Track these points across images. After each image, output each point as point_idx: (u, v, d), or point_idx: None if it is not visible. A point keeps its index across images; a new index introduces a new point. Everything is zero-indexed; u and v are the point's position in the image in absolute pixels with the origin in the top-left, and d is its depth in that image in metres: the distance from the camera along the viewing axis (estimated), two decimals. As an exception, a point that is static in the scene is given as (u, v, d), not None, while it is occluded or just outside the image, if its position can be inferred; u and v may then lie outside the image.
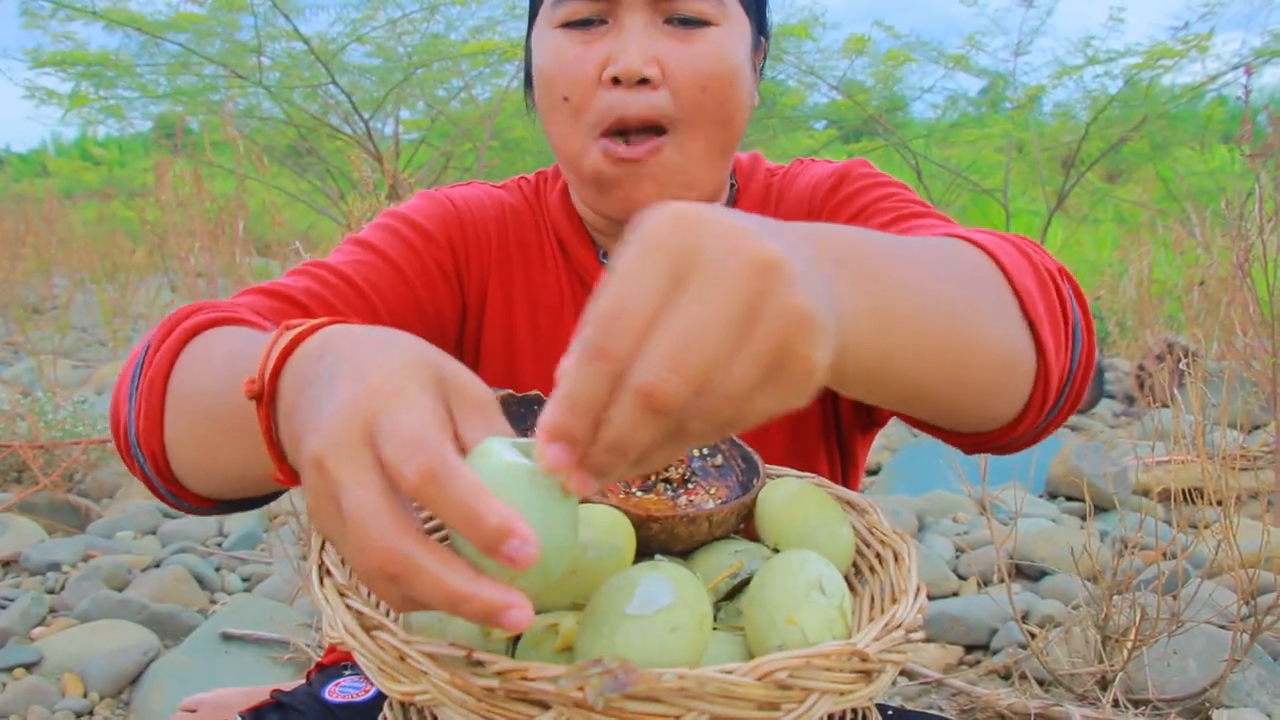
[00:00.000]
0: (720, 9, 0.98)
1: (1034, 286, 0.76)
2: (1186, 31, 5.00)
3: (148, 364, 0.81)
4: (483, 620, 0.50)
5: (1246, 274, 2.97)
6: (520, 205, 1.14)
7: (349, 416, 0.53)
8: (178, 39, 5.03)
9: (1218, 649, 2.08)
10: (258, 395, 0.65)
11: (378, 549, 0.50)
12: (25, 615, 2.49)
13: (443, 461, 0.50)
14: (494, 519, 0.49)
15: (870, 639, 0.60)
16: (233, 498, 0.83)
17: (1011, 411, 0.77)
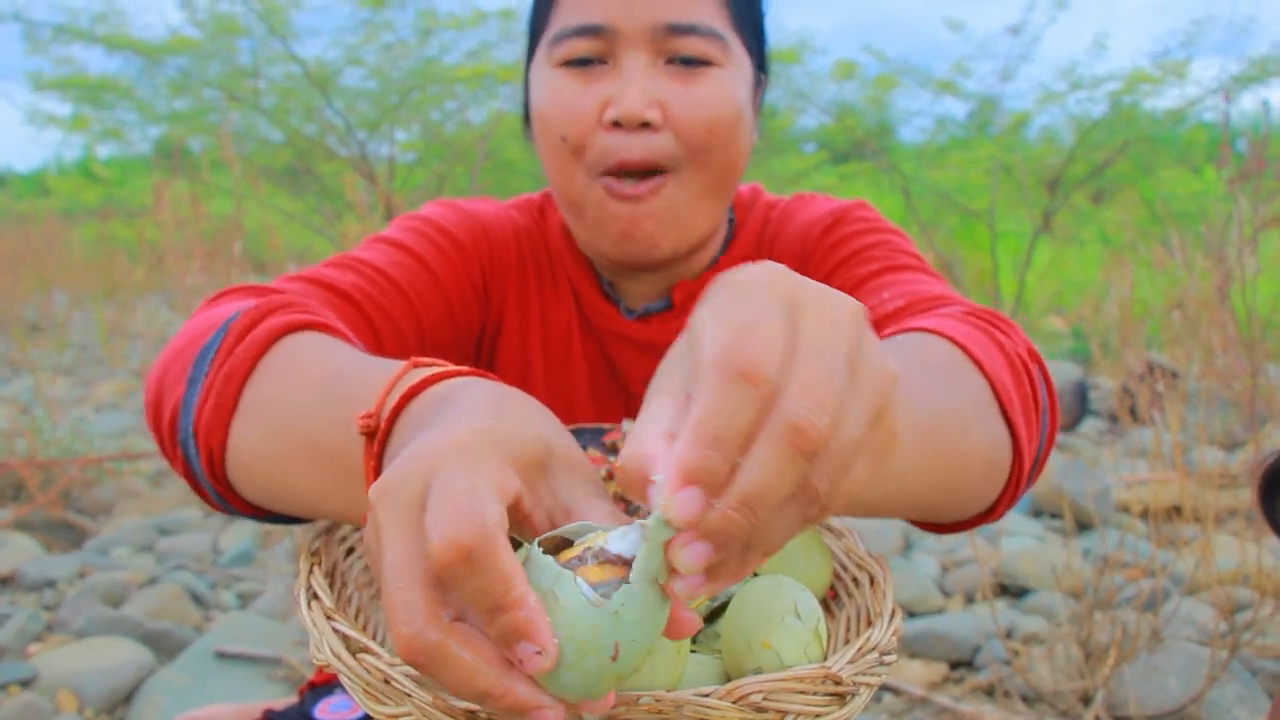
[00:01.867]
0: (723, 50, 0.95)
1: (1009, 379, 0.76)
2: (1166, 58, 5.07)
3: (224, 352, 0.73)
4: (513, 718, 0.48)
5: (1226, 295, 3.02)
6: (532, 226, 1.11)
7: (410, 466, 0.50)
8: (176, 62, 5.07)
9: (1197, 665, 2.11)
10: (371, 432, 0.61)
11: (404, 634, 0.47)
12: (21, 632, 2.51)
13: (479, 538, 0.46)
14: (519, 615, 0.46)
15: (845, 662, 0.61)
16: (287, 514, 0.76)
17: (988, 504, 0.79)
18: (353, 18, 5.13)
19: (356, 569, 0.78)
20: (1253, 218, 2.82)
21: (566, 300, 1.09)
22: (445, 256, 1.02)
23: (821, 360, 0.44)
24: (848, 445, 0.45)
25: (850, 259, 1.01)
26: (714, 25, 0.94)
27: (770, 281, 0.48)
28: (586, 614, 0.48)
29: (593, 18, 0.94)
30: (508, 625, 0.46)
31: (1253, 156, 2.93)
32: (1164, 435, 2.76)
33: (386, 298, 0.95)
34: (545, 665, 0.47)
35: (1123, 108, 5.49)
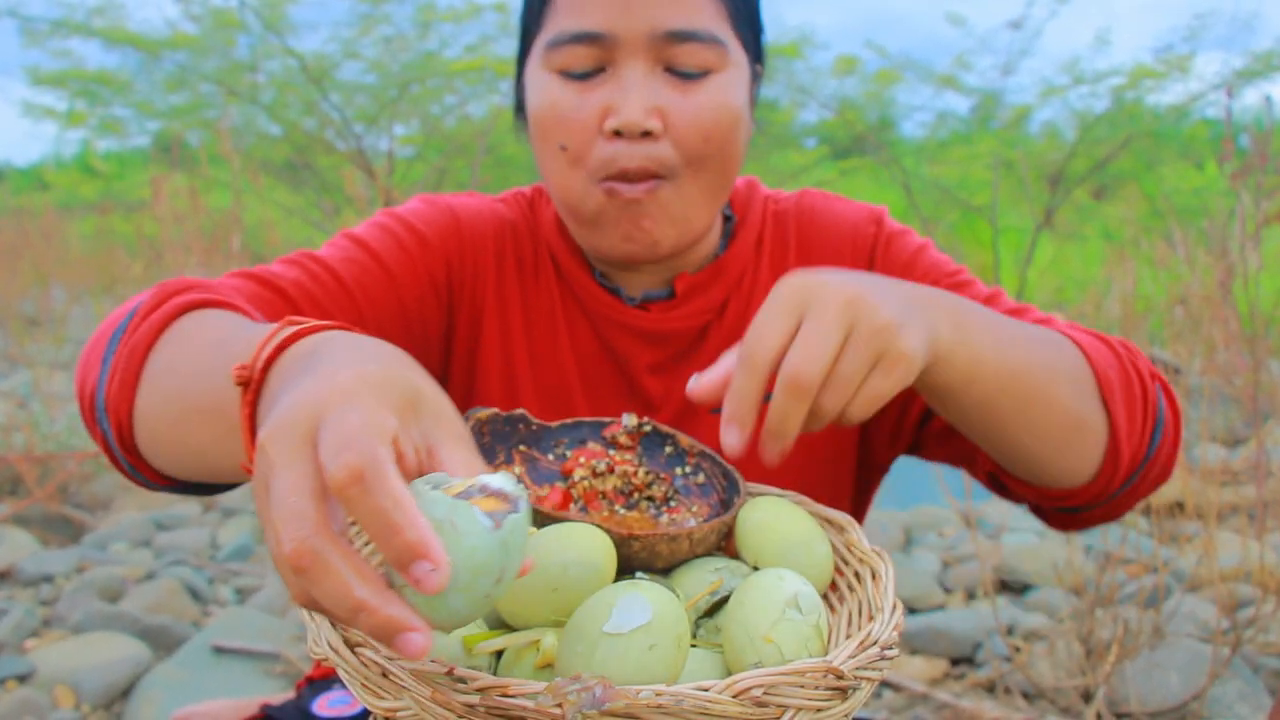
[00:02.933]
0: (721, 55, 0.95)
1: (1115, 376, 0.88)
2: (1169, 53, 5.06)
3: (130, 331, 0.80)
4: (377, 637, 0.50)
5: (1228, 291, 3.01)
6: (518, 220, 1.11)
7: (300, 408, 0.54)
8: (174, 57, 5.06)
9: (1199, 662, 2.10)
10: (245, 382, 0.64)
11: (292, 538, 0.49)
12: (18, 627, 2.50)
13: (373, 464, 0.50)
14: (411, 534, 0.49)
15: (846, 656, 0.61)
16: (191, 480, 0.81)
17: (1080, 474, 0.88)
18: (351, 11, 5.12)
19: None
20: (1255, 213, 2.81)
21: (551, 290, 1.10)
22: (405, 252, 1.04)
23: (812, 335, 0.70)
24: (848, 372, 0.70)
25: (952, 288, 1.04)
26: (712, 29, 0.94)
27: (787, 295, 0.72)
28: (484, 539, 0.52)
29: (591, 24, 0.93)
30: (403, 544, 0.49)
31: (1255, 152, 2.92)
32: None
33: (325, 292, 0.98)
34: (440, 582, 0.49)
35: (1125, 103, 5.48)
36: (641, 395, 1.07)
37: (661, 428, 0.89)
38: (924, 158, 6.53)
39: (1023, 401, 0.82)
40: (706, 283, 1.06)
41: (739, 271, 1.08)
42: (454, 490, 0.54)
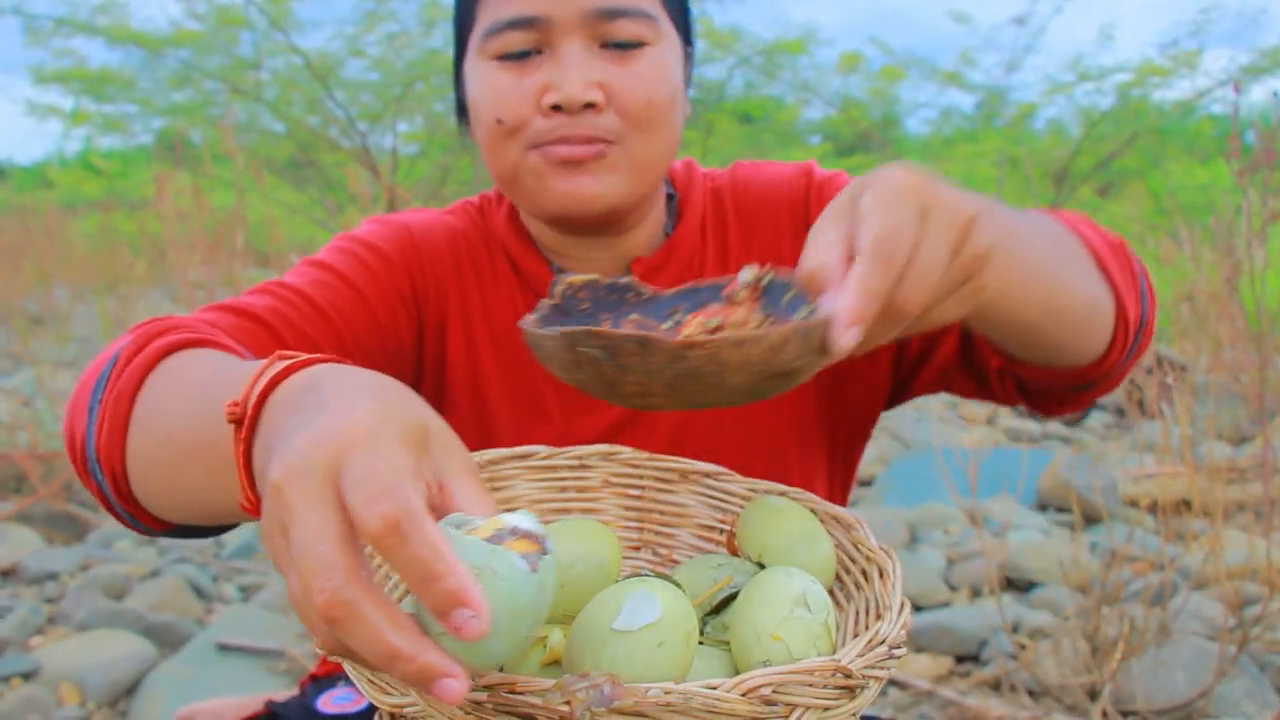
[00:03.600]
0: (653, 29, 0.98)
1: (1104, 250, 0.93)
2: (1175, 49, 5.05)
3: (114, 378, 0.79)
4: (414, 684, 0.49)
5: (1234, 288, 3.00)
6: (469, 227, 1.12)
7: (317, 448, 0.52)
8: (178, 54, 5.06)
9: (1205, 660, 2.10)
10: (239, 420, 0.63)
11: (322, 589, 0.48)
12: (23, 625, 2.51)
13: (408, 512, 0.49)
14: (451, 581, 0.48)
15: (854, 655, 0.61)
16: (191, 523, 0.80)
17: (1098, 348, 0.93)
18: (356, 9, 5.12)
19: (358, 560, 0.77)
20: (1262, 210, 2.80)
21: (511, 292, 1.10)
22: (369, 271, 1.04)
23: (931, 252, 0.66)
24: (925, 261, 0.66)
25: None
26: (643, 6, 0.97)
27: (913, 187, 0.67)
28: (523, 583, 0.52)
29: (526, 9, 0.95)
30: (443, 592, 0.48)
31: (1262, 148, 2.91)
32: (1172, 429, 2.75)
33: (303, 318, 0.98)
34: (481, 629, 0.48)
35: (1130, 99, 5.47)
36: None
37: (782, 275, 0.78)
38: (929, 155, 6.52)
39: (1052, 291, 0.85)
40: (661, 264, 1.08)
41: (689, 252, 1.10)
42: (483, 533, 0.54)
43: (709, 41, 5.87)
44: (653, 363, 0.63)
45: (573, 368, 0.66)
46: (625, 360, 0.63)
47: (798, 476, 1.09)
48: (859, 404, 1.13)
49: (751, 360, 0.63)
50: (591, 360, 0.64)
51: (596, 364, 0.64)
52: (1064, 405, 1.05)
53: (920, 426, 4.55)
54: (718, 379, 0.64)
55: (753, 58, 5.62)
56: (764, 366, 0.64)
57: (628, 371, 0.64)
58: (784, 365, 0.65)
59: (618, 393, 0.66)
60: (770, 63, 5.47)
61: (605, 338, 0.63)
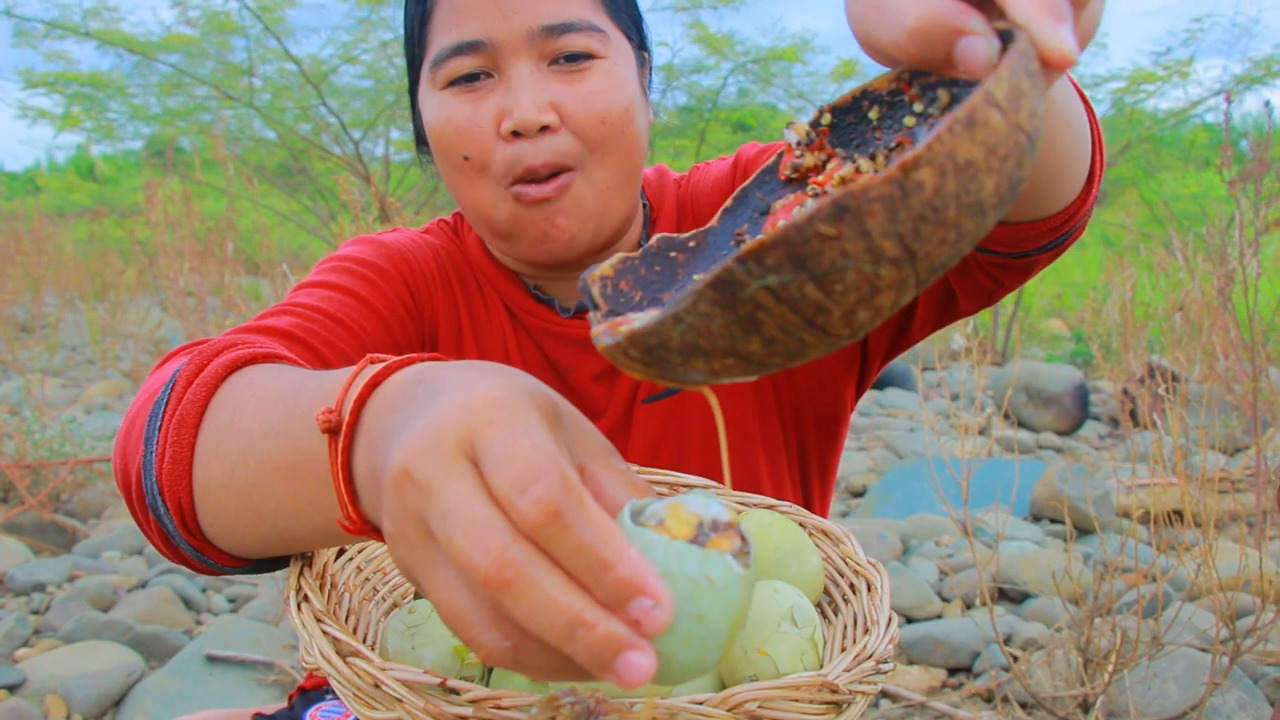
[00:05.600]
0: (602, 41, 0.98)
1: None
2: (1168, 57, 5.07)
3: (174, 401, 0.72)
4: (596, 660, 0.42)
5: (1228, 298, 3.01)
6: (449, 245, 1.13)
7: (445, 429, 0.46)
8: (170, 60, 5.06)
9: (1198, 671, 2.09)
10: (334, 428, 0.57)
11: (486, 550, 0.43)
12: (9, 636, 2.49)
13: (567, 493, 0.43)
14: (625, 569, 0.42)
15: (841, 670, 0.61)
16: (268, 555, 0.72)
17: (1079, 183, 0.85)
18: (349, 16, 5.12)
19: (347, 571, 0.76)
20: (1255, 219, 2.81)
21: (497, 310, 1.11)
22: (371, 284, 1.04)
23: None
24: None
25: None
26: (588, 18, 0.97)
27: None
28: (741, 587, 0.46)
29: (470, 34, 0.95)
30: (617, 582, 0.42)
31: (1254, 158, 2.92)
32: (1165, 439, 2.75)
33: (328, 331, 0.96)
34: (665, 620, 0.42)
35: (1124, 108, 5.49)
36: (588, 404, 1.08)
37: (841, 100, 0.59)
38: (922, 164, 6.51)
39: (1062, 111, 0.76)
40: None
41: None
42: (680, 530, 0.48)
43: (704, 49, 5.89)
44: (871, 226, 0.42)
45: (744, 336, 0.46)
46: (824, 257, 0.43)
47: (768, 483, 1.09)
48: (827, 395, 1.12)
49: (996, 136, 0.43)
50: (776, 298, 0.44)
51: (785, 296, 0.44)
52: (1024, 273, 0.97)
53: (913, 437, 4.55)
54: (967, 199, 0.43)
55: (747, 65, 5.64)
56: (1013, 143, 0.44)
57: (832, 272, 0.43)
58: (1034, 130, 0.45)
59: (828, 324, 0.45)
60: (765, 70, 5.48)
61: (779, 247, 0.42)
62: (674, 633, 0.45)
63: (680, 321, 0.46)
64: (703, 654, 0.46)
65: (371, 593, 0.78)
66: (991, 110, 0.42)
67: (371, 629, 0.76)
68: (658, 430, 1.07)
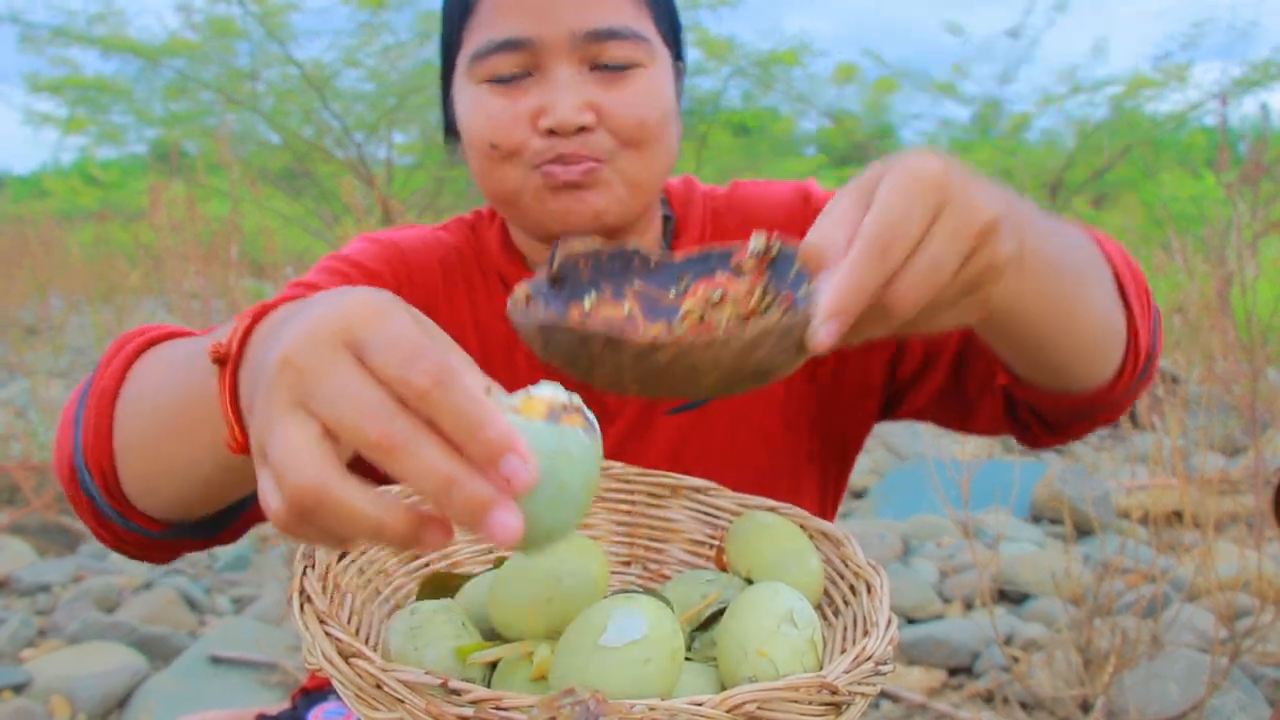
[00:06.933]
0: (646, 50, 0.96)
1: (1124, 269, 0.89)
2: (1167, 61, 5.07)
3: (95, 383, 0.79)
4: (470, 516, 0.48)
5: (1226, 299, 3.01)
6: (462, 244, 1.11)
7: (324, 322, 0.51)
8: (174, 64, 5.07)
9: (1198, 672, 2.10)
10: (222, 358, 0.62)
11: (376, 421, 0.48)
12: (14, 637, 2.50)
13: (450, 369, 0.49)
14: (496, 429, 0.48)
15: (840, 671, 0.61)
16: (183, 515, 0.79)
17: (1106, 373, 0.90)
18: (351, 20, 5.13)
19: (350, 573, 0.77)
20: (1253, 222, 2.82)
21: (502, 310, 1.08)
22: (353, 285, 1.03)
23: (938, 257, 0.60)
24: (928, 262, 0.60)
25: None
26: (634, 26, 0.95)
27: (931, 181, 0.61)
28: (592, 457, 0.55)
29: (514, 31, 0.93)
30: (489, 441, 0.48)
31: (1252, 160, 2.93)
32: (1164, 440, 2.75)
33: None
34: (531, 477, 0.48)
35: (1124, 111, 5.50)
36: (603, 406, 1.06)
37: (790, 245, 0.74)
38: (923, 166, 6.52)
39: (1067, 306, 0.81)
40: None
41: None
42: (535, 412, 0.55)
43: (704, 52, 5.89)
44: (622, 359, 0.61)
45: (547, 354, 0.65)
46: (595, 355, 0.62)
47: (787, 492, 1.09)
48: (851, 418, 1.12)
49: (723, 361, 0.61)
50: (564, 351, 0.63)
51: (569, 354, 0.63)
52: (1057, 434, 1.02)
53: (913, 438, 4.56)
54: (689, 376, 0.61)
55: (748, 69, 5.64)
56: (736, 366, 0.61)
57: (597, 364, 0.62)
58: (758, 365, 0.62)
59: (593, 380, 0.64)
60: (765, 74, 5.49)
61: (575, 333, 0.62)
62: (539, 497, 0.51)
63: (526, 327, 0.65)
64: (565, 517, 0.54)
65: (374, 594, 0.79)
66: (728, 346, 0.59)
67: (373, 630, 0.77)
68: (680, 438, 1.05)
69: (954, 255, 0.61)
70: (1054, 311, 0.80)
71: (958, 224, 0.61)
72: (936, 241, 0.61)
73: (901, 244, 0.59)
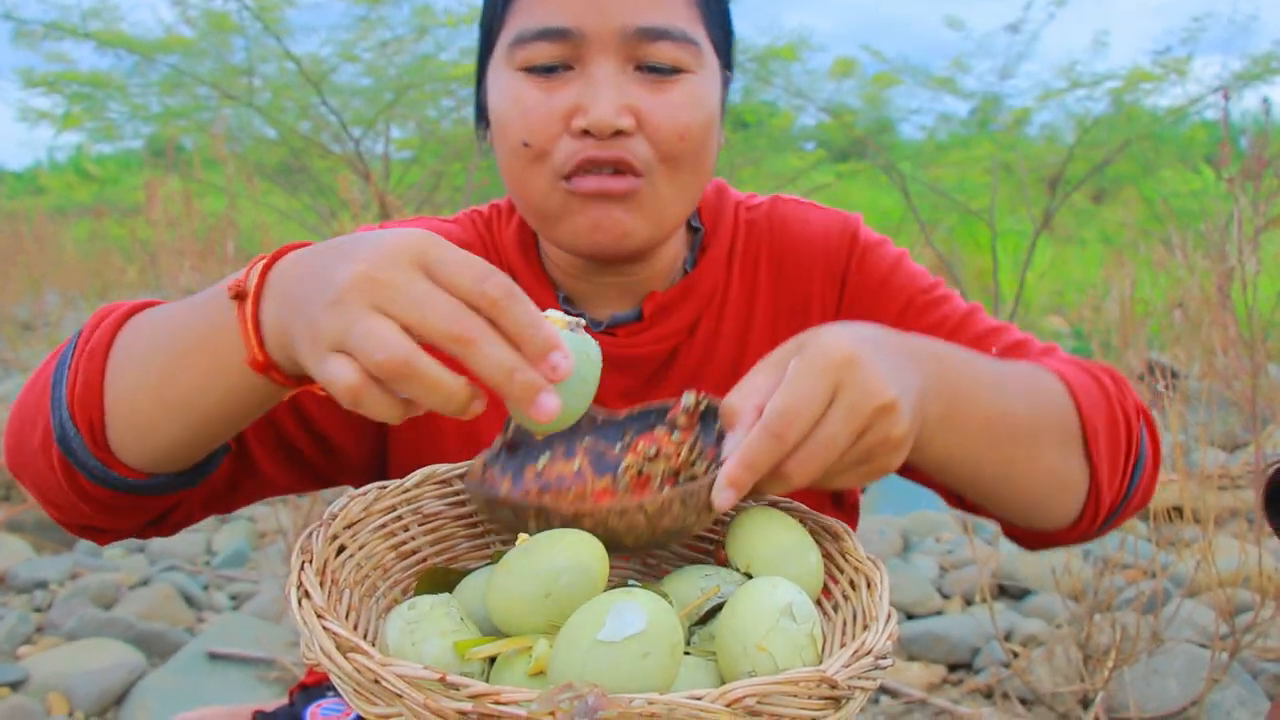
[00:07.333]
0: (694, 55, 0.91)
1: (1102, 422, 0.89)
2: (1166, 55, 5.06)
3: (80, 346, 0.80)
4: (523, 396, 0.61)
5: (1227, 295, 3.01)
6: (471, 242, 1.06)
7: (396, 249, 0.62)
8: (169, 59, 5.05)
9: (1198, 668, 2.10)
10: (242, 293, 0.69)
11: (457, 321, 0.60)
12: (11, 634, 2.49)
13: (511, 284, 0.62)
14: (545, 333, 0.62)
15: (839, 666, 0.61)
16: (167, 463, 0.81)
17: (1060, 521, 0.92)
18: (348, 14, 5.11)
19: (348, 569, 0.77)
20: (1254, 217, 2.81)
21: None
22: None
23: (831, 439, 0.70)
24: (821, 441, 0.69)
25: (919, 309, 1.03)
26: (685, 28, 0.90)
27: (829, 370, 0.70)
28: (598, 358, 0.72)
29: (557, 19, 0.88)
30: (544, 338, 0.62)
31: (1253, 155, 2.92)
32: (1165, 436, 2.75)
33: None
34: (569, 368, 0.62)
35: (1124, 106, 5.49)
36: None
37: (714, 402, 0.82)
38: (922, 161, 6.52)
39: (1006, 466, 0.85)
40: (676, 301, 1.02)
41: (710, 288, 1.04)
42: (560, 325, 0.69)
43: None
44: (554, 526, 0.72)
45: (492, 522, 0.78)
46: (530, 523, 0.73)
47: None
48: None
49: (637, 526, 0.72)
50: (506, 519, 0.75)
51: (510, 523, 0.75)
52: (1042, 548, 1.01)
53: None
54: (611, 539, 0.72)
55: (746, 63, 5.64)
56: (651, 529, 0.72)
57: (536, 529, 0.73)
58: (669, 527, 0.73)
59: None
60: (764, 69, 5.47)
61: (511, 505, 0.74)
62: (566, 387, 0.66)
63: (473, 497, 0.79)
64: (580, 405, 0.70)
65: (372, 590, 0.78)
66: (640, 513, 0.71)
67: (372, 626, 0.76)
68: None
69: (847, 434, 0.69)
70: (988, 469, 0.84)
71: (852, 404, 0.69)
72: (830, 422, 0.69)
73: (798, 425, 0.69)
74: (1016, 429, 0.84)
